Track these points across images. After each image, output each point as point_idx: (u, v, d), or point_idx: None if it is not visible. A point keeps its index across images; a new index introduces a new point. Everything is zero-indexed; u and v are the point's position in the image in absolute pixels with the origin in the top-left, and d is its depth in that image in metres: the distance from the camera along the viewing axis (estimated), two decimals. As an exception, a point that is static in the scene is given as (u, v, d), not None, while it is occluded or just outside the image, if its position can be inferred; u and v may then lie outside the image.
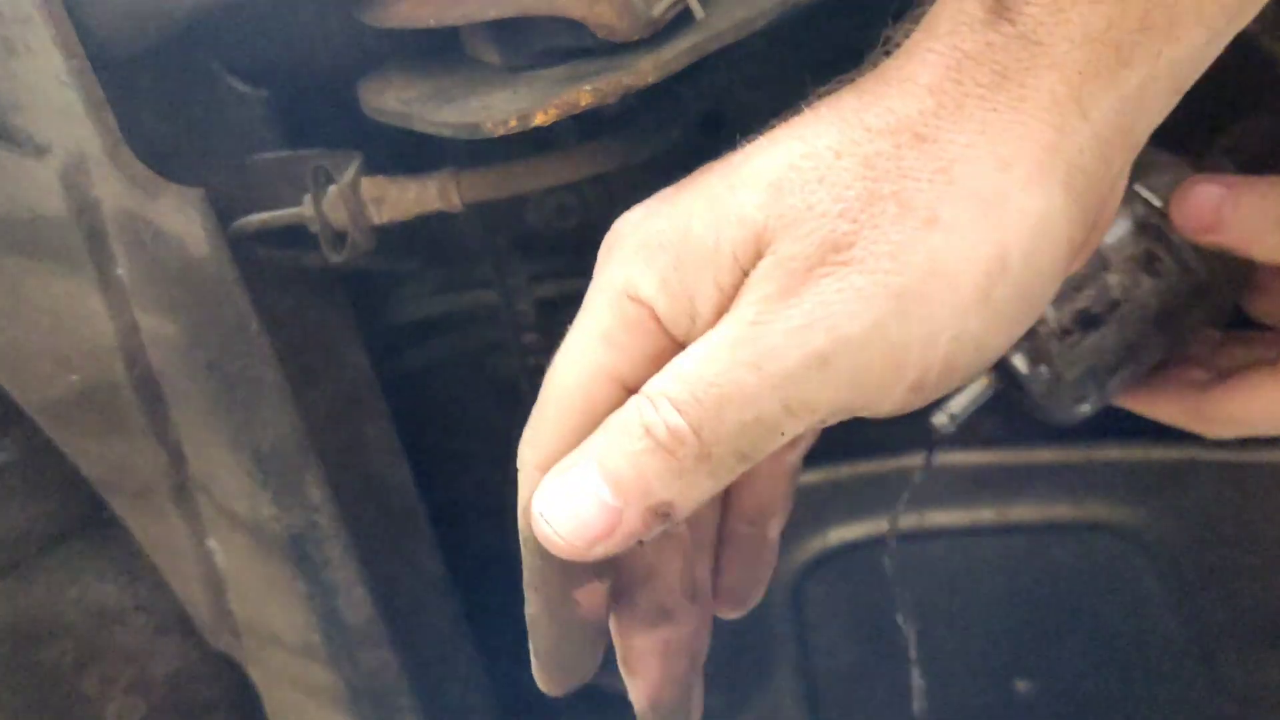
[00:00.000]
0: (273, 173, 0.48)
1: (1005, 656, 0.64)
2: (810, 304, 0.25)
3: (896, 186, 0.26)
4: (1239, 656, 0.61)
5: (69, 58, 0.41)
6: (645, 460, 0.26)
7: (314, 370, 0.55)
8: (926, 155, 0.26)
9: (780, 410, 0.26)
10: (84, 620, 0.57)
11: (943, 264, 0.25)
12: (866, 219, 0.25)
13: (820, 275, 0.25)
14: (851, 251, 0.25)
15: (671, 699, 0.34)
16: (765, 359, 0.25)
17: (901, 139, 0.26)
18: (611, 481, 0.27)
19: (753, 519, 0.37)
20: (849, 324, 0.25)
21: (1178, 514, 0.59)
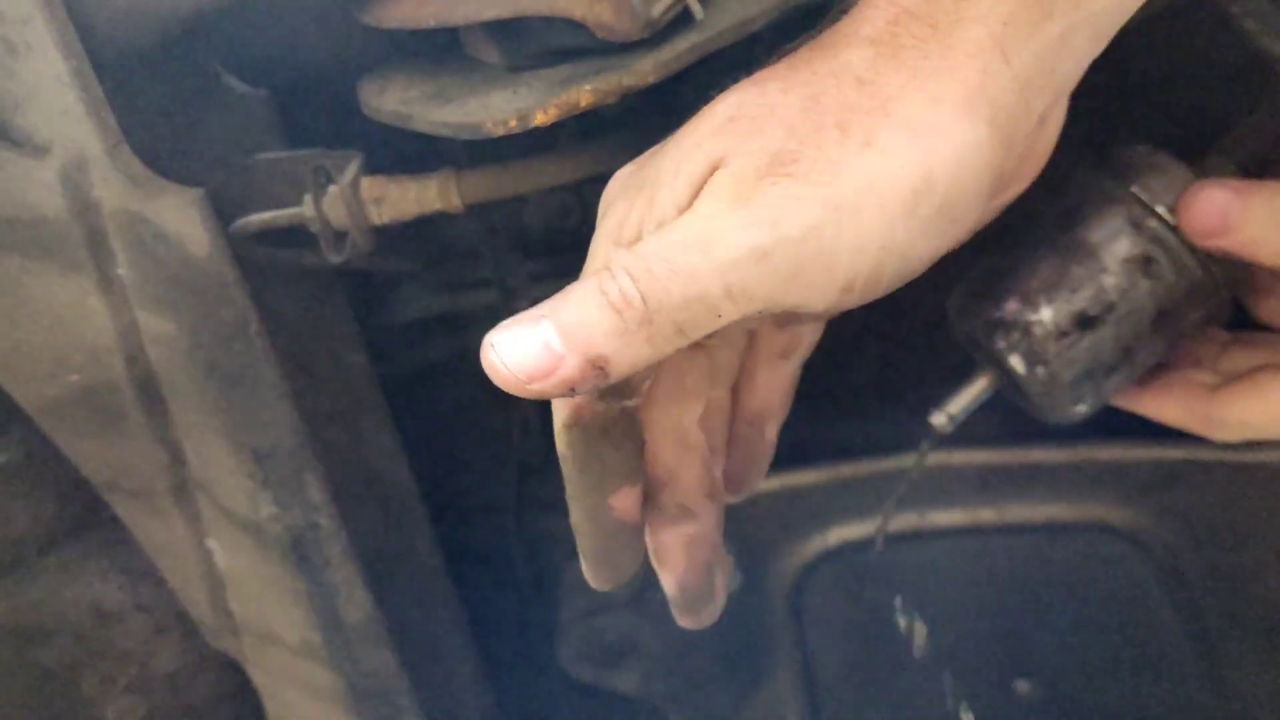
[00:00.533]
0: (273, 173, 0.48)
1: (1005, 656, 0.64)
2: (757, 206, 0.29)
3: (838, 117, 0.29)
4: (1239, 655, 0.61)
5: (69, 58, 0.41)
6: (594, 316, 0.29)
7: (314, 370, 0.55)
8: (866, 94, 0.29)
9: (721, 292, 0.29)
10: (84, 620, 0.57)
11: (875, 180, 0.29)
12: (810, 140, 0.29)
13: (768, 183, 0.29)
14: (796, 165, 0.29)
15: (696, 584, 0.39)
16: (714, 245, 0.29)
17: (844, 81, 0.30)
18: (561, 330, 0.29)
19: (752, 420, 0.41)
20: (789, 224, 0.28)
21: (1177, 514, 0.59)
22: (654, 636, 0.65)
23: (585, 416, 0.35)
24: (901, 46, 0.29)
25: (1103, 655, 0.63)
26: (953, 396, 0.42)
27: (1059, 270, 0.39)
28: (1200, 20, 0.50)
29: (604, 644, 0.65)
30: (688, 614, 0.40)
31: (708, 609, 0.40)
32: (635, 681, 0.66)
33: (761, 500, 0.62)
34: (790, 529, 0.63)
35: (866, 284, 0.30)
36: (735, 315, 0.29)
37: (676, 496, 0.38)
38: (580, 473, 0.36)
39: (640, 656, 0.66)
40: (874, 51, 0.30)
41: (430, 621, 0.61)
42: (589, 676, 0.66)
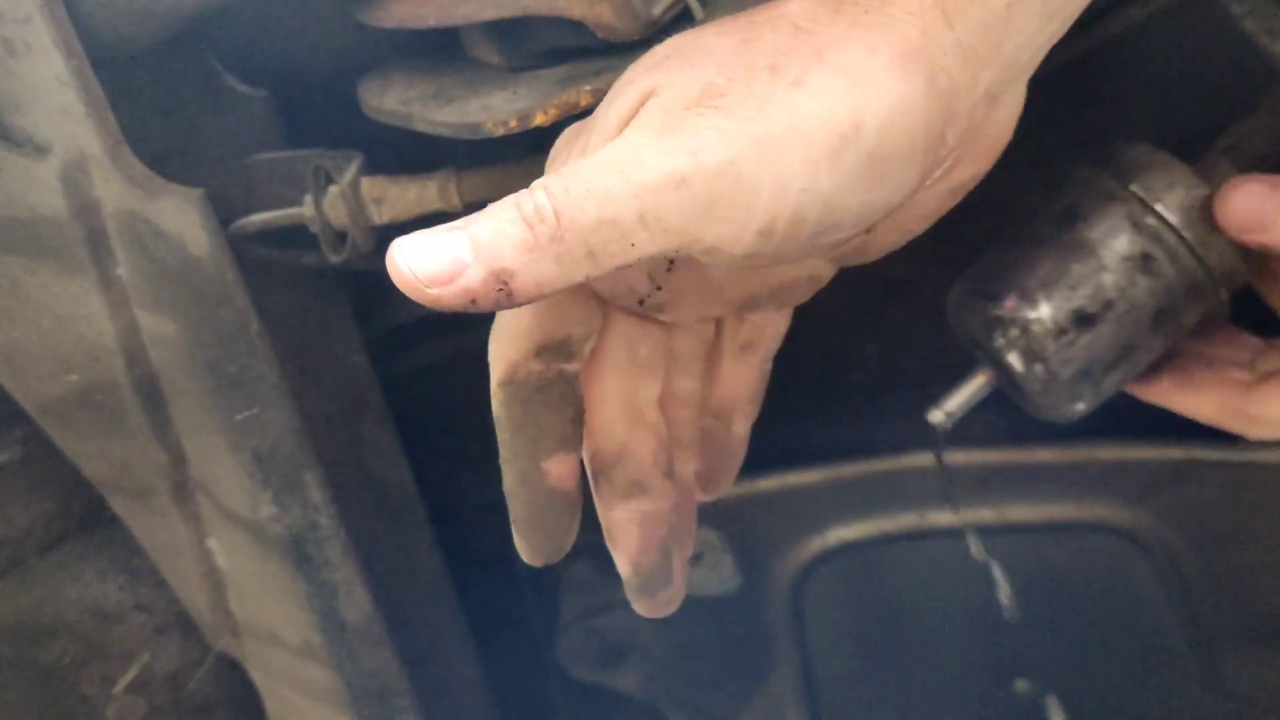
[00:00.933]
0: (273, 173, 0.48)
1: (1005, 656, 0.64)
2: (680, 134, 0.29)
3: (771, 60, 0.29)
4: (1238, 655, 0.61)
5: (69, 58, 0.41)
6: (504, 228, 0.29)
7: (314, 370, 0.55)
8: (802, 40, 0.29)
9: (635, 217, 0.28)
10: (84, 619, 0.57)
11: (802, 121, 0.28)
12: (740, 77, 0.29)
13: (694, 114, 0.29)
14: (723, 99, 0.29)
15: (650, 564, 0.38)
16: (631, 168, 0.28)
17: (781, 27, 0.30)
18: (470, 241, 0.29)
19: (719, 413, 0.41)
20: (709, 154, 0.28)
21: (1177, 514, 0.59)
22: (654, 637, 0.65)
23: (520, 374, 0.35)
24: (843, 1, 0.29)
25: (1102, 655, 0.63)
26: (951, 394, 0.42)
27: (1058, 268, 0.39)
28: (1200, 20, 0.50)
29: (604, 644, 0.65)
30: (643, 597, 0.39)
31: (664, 593, 0.39)
32: (635, 681, 0.66)
33: (761, 500, 0.63)
34: (790, 529, 0.63)
35: (787, 229, 0.29)
36: (650, 247, 0.29)
37: (629, 472, 0.37)
38: (513, 435, 0.35)
39: (640, 657, 0.66)
40: (815, 4, 0.30)
41: (430, 621, 0.61)
42: (589, 676, 0.66)
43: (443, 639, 0.61)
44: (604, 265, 0.29)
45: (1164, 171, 0.40)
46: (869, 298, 0.60)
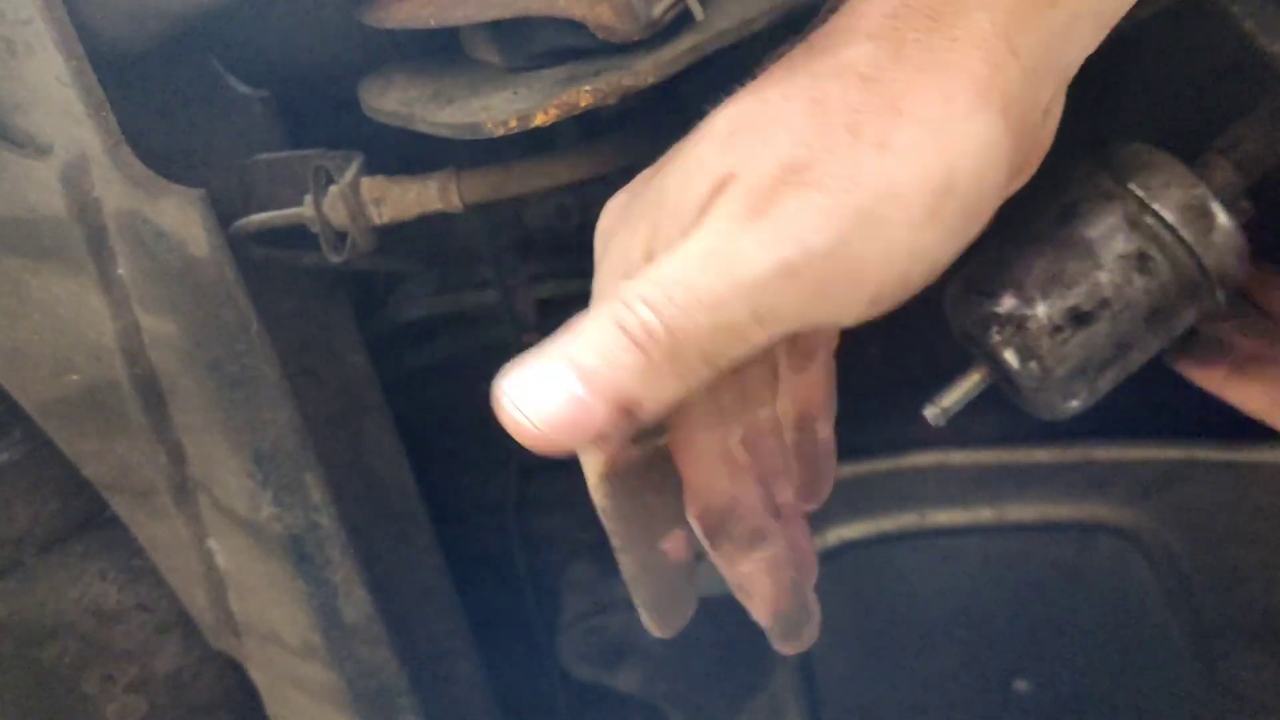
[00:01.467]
0: (273, 173, 0.48)
1: (1004, 656, 0.64)
2: (777, 219, 0.27)
3: (846, 119, 0.28)
4: (1237, 655, 0.61)
5: (70, 58, 0.41)
6: (617, 355, 0.27)
7: (315, 370, 0.55)
8: (872, 93, 0.28)
9: (749, 317, 0.27)
10: (85, 619, 0.57)
11: (896, 185, 0.27)
12: (821, 146, 0.28)
13: (784, 194, 0.27)
14: (810, 173, 0.27)
15: (790, 607, 0.38)
16: (737, 266, 0.27)
17: (848, 80, 0.28)
18: (582, 375, 0.27)
19: (800, 425, 0.40)
20: (815, 237, 0.27)
21: (1175, 513, 0.59)
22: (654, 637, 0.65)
23: (621, 464, 0.33)
24: (903, 41, 0.28)
25: (1101, 654, 0.63)
26: (946, 390, 0.42)
27: (1054, 266, 0.39)
28: (1200, 20, 0.50)
29: (604, 644, 0.65)
30: (788, 640, 0.38)
31: (807, 629, 0.39)
32: (635, 681, 0.66)
33: (761, 500, 0.62)
34: (790, 529, 0.63)
35: (893, 293, 0.29)
36: (763, 340, 0.28)
37: (745, 522, 0.36)
38: (626, 524, 0.33)
39: (640, 656, 0.66)
40: (875, 47, 0.28)
41: (430, 621, 0.61)
42: (589, 676, 0.66)
43: (443, 638, 0.61)
44: (721, 366, 0.28)
45: (1162, 171, 0.40)
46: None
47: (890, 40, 0.28)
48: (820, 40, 0.30)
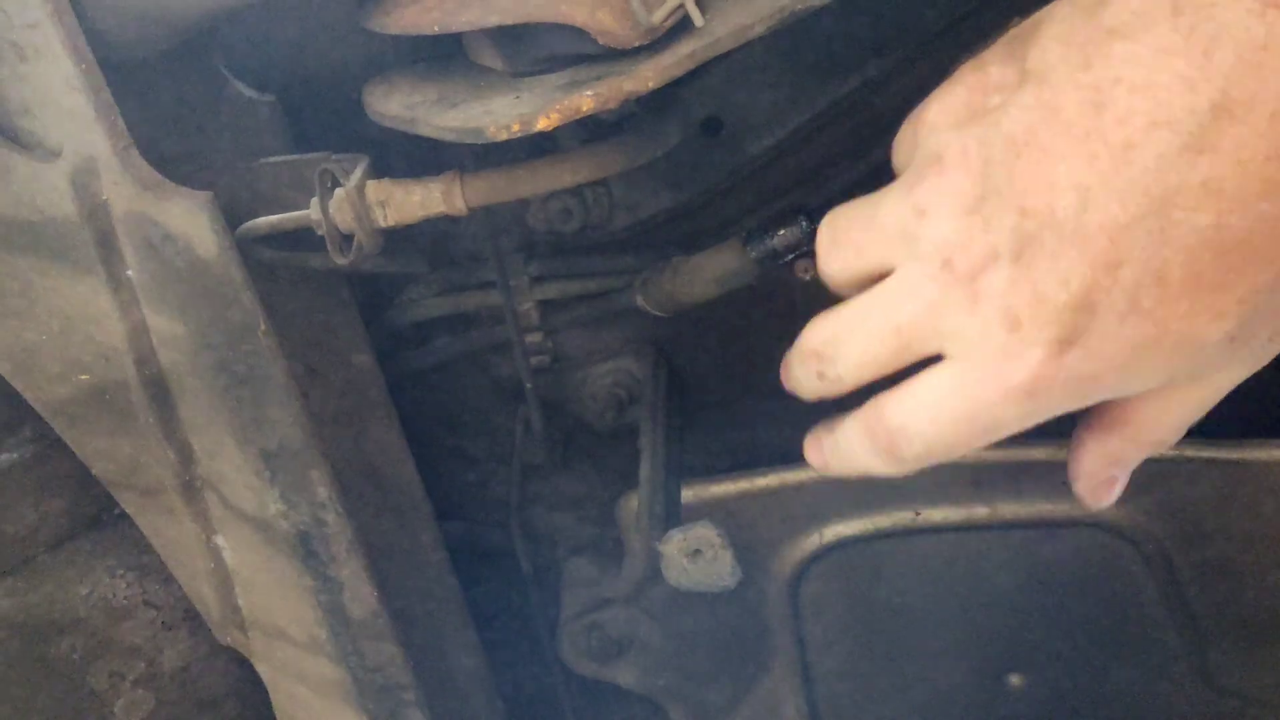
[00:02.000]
0: (279, 176, 0.49)
1: (998, 651, 0.65)
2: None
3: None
4: (1230, 651, 0.62)
5: (78, 62, 0.41)
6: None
7: (321, 370, 0.55)
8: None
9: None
10: (93, 616, 0.58)
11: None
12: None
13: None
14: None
15: None
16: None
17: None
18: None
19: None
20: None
21: (1169, 511, 0.60)
22: (653, 631, 0.66)
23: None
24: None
25: (1095, 651, 0.63)
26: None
27: None
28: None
29: (604, 639, 0.66)
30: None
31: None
32: (635, 676, 0.67)
33: (759, 497, 0.63)
34: (787, 526, 0.64)
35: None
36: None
37: None
38: None
39: (640, 651, 0.66)
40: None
41: (434, 617, 0.61)
42: (589, 671, 0.67)
43: (447, 634, 0.62)
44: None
45: None
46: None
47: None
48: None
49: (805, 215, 0.54)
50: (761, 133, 0.55)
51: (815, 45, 0.53)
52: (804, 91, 0.54)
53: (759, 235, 0.55)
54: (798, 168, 0.57)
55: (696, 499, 0.63)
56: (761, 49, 0.53)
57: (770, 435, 0.66)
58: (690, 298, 0.57)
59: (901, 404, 0.33)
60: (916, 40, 0.52)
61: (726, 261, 0.56)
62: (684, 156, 0.56)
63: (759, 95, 0.54)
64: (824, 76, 0.53)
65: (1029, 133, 0.27)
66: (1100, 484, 0.36)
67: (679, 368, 0.65)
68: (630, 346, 0.63)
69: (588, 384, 0.64)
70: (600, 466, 0.67)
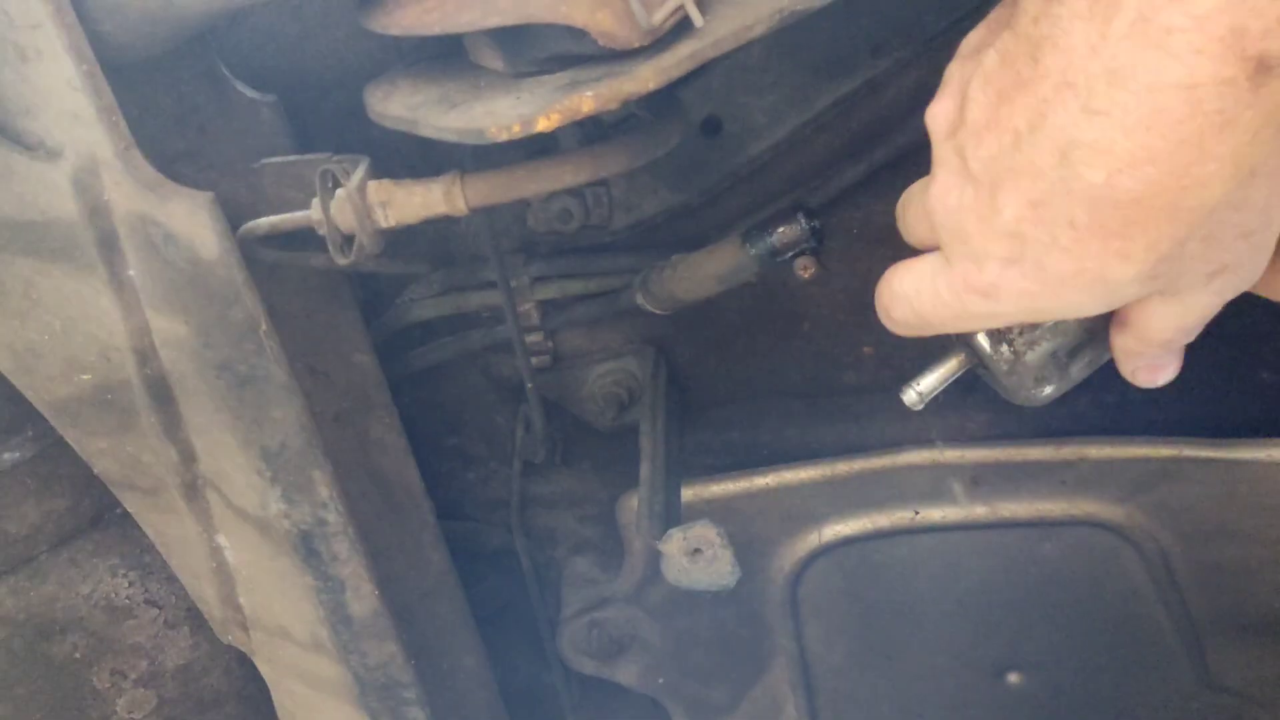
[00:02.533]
0: (281, 176, 0.49)
1: (996, 650, 0.65)
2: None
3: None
4: (1227, 649, 0.62)
5: (80, 63, 0.42)
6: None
7: (322, 370, 0.55)
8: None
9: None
10: (95, 615, 0.58)
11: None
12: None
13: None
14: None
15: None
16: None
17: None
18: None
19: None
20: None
21: (1167, 510, 0.60)
22: (653, 630, 0.66)
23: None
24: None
25: (1092, 648, 0.64)
26: (924, 374, 0.43)
27: None
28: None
29: (604, 637, 0.66)
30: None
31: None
32: (635, 674, 0.67)
33: (758, 497, 0.63)
34: (787, 525, 0.64)
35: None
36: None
37: None
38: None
39: (640, 649, 0.67)
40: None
41: (436, 615, 0.61)
42: (590, 669, 0.67)
43: (448, 632, 0.62)
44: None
45: None
46: (865, 301, 0.61)
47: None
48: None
49: (804, 213, 0.55)
50: (761, 133, 0.55)
51: (815, 46, 0.53)
52: (803, 92, 0.54)
53: (758, 233, 0.55)
54: (797, 168, 0.57)
55: (696, 499, 0.63)
56: (761, 50, 0.53)
57: (770, 435, 0.66)
58: (690, 295, 0.58)
59: (901, 275, 0.38)
60: (915, 42, 0.52)
61: (726, 259, 0.56)
62: (684, 156, 0.56)
63: (759, 96, 0.54)
64: (823, 77, 0.53)
65: (993, 73, 0.32)
66: (1138, 370, 0.40)
67: (679, 368, 0.65)
68: (630, 346, 0.64)
69: (588, 384, 0.64)
70: (600, 466, 0.67)
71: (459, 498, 0.69)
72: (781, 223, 0.55)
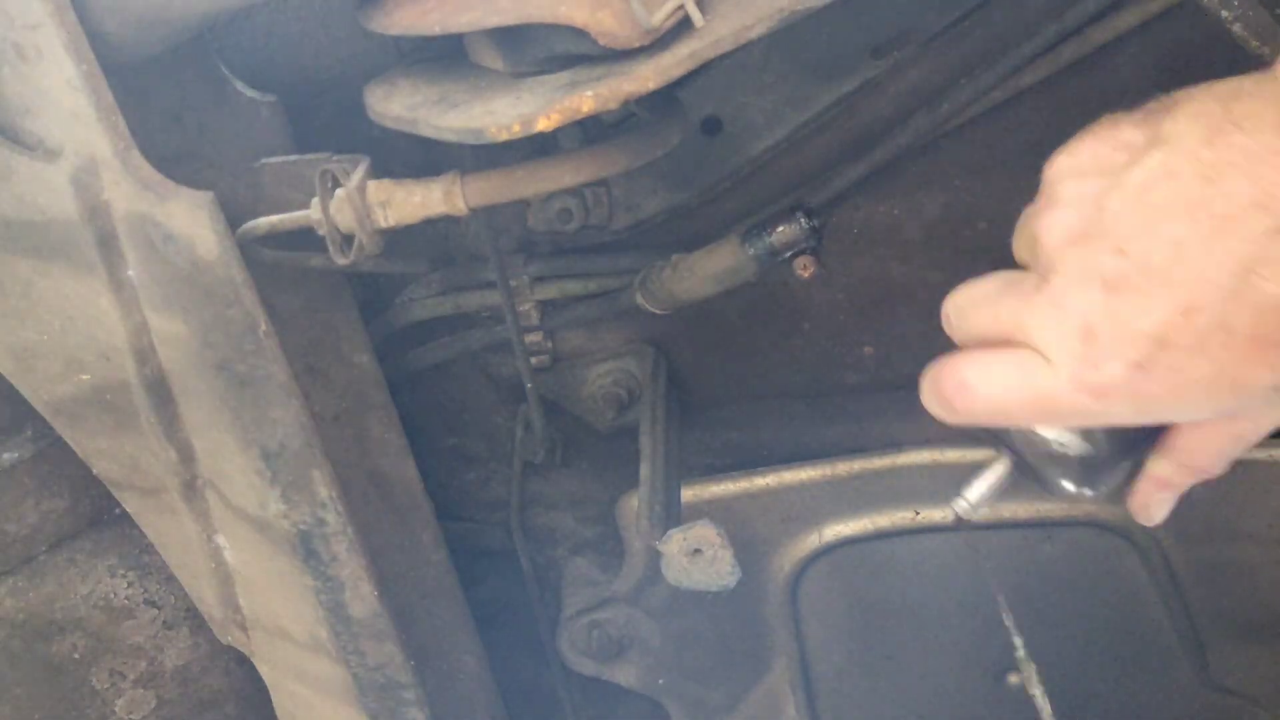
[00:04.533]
0: (281, 176, 0.49)
1: (996, 650, 0.65)
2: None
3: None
4: (1227, 649, 0.62)
5: (80, 63, 0.42)
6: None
7: (321, 370, 0.55)
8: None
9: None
10: (94, 615, 0.58)
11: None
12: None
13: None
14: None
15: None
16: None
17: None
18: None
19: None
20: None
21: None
22: (653, 630, 0.66)
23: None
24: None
25: (1093, 649, 0.64)
26: (973, 482, 0.43)
27: None
28: (1191, 26, 0.51)
29: (604, 638, 0.66)
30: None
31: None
32: (635, 674, 0.67)
33: (758, 497, 0.63)
34: (787, 525, 0.64)
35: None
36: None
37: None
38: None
39: (640, 650, 0.67)
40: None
41: (435, 616, 0.61)
42: (589, 670, 0.67)
43: (448, 633, 0.62)
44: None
45: None
46: (865, 301, 0.61)
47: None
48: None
49: (803, 213, 0.55)
50: (761, 133, 0.55)
51: (814, 47, 0.53)
52: (803, 92, 0.54)
53: (757, 232, 0.55)
54: (797, 168, 0.57)
55: (696, 499, 0.63)
56: (761, 50, 0.53)
57: (770, 435, 0.66)
58: (690, 295, 0.58)
59: (973, 364, 0.37)
60: (914, 42, 0.52)
61: (725, 259, 0.56)
62: (684, 156, 0.56)
63: (759, 96, 0.54)
64: (823, 78, 0.53)
65: (1145, 189, 0.32)
66: (1152, 503, 0.41)
67: (679, 368, 0.65)
68: (630, 346, 0.64)
69: (588, 384, 0.64)
70: (600, 466, 0.67)
71: (459, 498, 0.69)
72: (780, 222, 0.55)
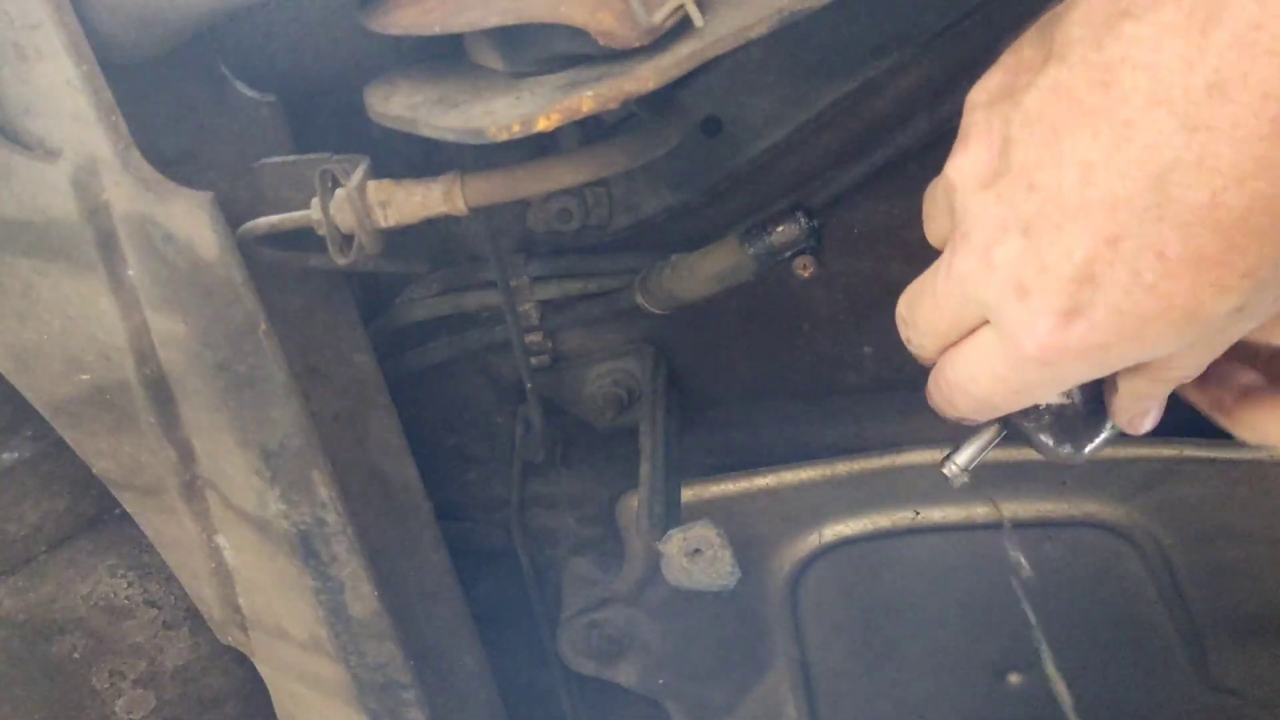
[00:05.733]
0: (281, 176, 0.49)
1: (996, 650, 0.65)
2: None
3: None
4: (1227, 648, 0.62)
5: (80, 63, 0.42)
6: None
7: (321, 370, 0.55)
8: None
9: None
10: (94, 615, 0.58)
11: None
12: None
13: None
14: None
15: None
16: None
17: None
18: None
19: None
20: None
21: (1168, 511, 0.60)
22: (653, 630, 0.66)
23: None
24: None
25: (1093, 649, 0.64)
26: (961, 447, 0.43)
27: None
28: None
29: (604, 638, 0.66)
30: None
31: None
32: (635, 674, 0.67)
33: (758, 497, 0.63)
34: (787, 525, 0.64)
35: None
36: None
37: None
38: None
39: (640, 650, 0.67)
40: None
41: (435, 616, 0.61)
42: (589, 670, 0.67)
43: (447, 633, 0.62)
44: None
45: None
46: (865, 301, 0.61)
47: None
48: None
49: (803, 212, 0.55)
50: (761, 133, 0.55)
51: (814, 47, 0.53)
52: (803, 92, 0.54)
53: (757, 232, 0.55)
54: (797, 168, 0.57)
55: (696, 499, 0.63)
56: (761, 50, 0.53)
57: (770, 435, 0.66)
58: (689, 295, 0.58)
59: (953, 362, 0.35)
60: (915, 42, 0.52)
61: (725, 258, 0.56)
62: (684, 156, 0.56)
63: (758, 96, 0.54)
64: (823, 78, 0.53)
65: (1043, 110, 0.29)
66: (1135, 417, 0.38)
67: (679, 368, 0.65)
68: (630, 346, 0.64)
69: (588, 384, 0.64)
70: (600, 466, 0.67)
71: (459, 498, 0.69)
72: (780, 222, 0.55)
